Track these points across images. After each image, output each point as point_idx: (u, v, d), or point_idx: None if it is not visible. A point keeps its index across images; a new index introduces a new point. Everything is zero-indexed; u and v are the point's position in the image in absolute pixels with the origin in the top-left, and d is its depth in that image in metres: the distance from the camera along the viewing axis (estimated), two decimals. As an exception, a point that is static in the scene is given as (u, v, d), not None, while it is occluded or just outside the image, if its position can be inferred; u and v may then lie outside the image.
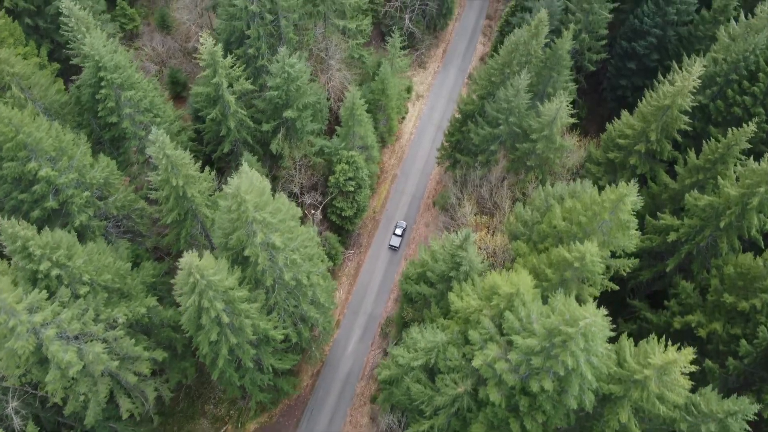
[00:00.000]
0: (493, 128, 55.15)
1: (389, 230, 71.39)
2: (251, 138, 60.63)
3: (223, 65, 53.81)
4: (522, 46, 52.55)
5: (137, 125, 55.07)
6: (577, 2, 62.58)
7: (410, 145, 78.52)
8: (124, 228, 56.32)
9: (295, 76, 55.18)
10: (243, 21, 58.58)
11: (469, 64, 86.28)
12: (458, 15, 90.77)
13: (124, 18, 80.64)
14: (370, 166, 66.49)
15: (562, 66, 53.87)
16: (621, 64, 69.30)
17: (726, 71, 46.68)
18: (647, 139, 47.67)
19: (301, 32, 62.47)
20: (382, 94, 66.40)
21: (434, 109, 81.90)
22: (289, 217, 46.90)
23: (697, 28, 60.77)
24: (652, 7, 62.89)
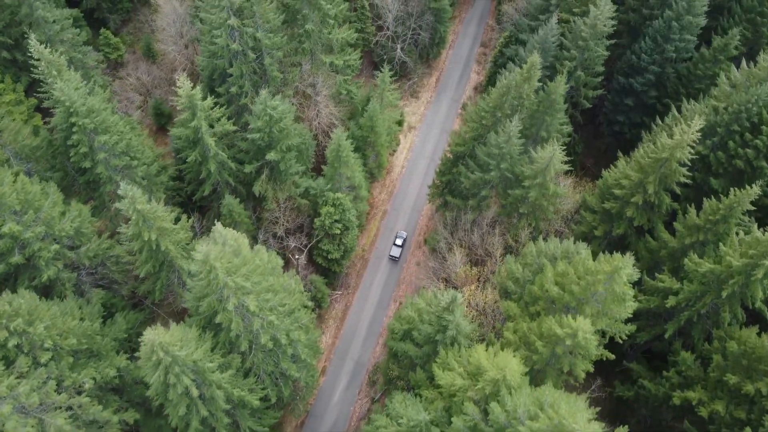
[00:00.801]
0: (484, 173, 52.85)
1: (379, 269, 68.93)
2: (233, 179, 58.29)
3: (202, 108, 51.57)
4: (514, 89, 50.31)
5: (112, 169, 52.70)
6: (572, 39, 60.42)
7: (401, 179, 76.20)
8: (99, 276, 53.85)
9: (278, 118, 52.95)
10: (225, 59, 56.46)
11: (463, 94, 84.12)
12: (452, 43, 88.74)
13: (108, 47, 78.58)
14: (359, 205, 64.14)
15: (555, 110, 51.68)
16: (618, 99, 67.12)
17: (727, 122, 44.45)
18: (644, 191, 45.35)
19: (287, 69, 60.27)
20: (370, 131, 64.15)
21: (426, 141, 79.66)
22: (268, 272, 44.57)
23: (697, 66, 58.60)
24: (650, 43, 60.75)
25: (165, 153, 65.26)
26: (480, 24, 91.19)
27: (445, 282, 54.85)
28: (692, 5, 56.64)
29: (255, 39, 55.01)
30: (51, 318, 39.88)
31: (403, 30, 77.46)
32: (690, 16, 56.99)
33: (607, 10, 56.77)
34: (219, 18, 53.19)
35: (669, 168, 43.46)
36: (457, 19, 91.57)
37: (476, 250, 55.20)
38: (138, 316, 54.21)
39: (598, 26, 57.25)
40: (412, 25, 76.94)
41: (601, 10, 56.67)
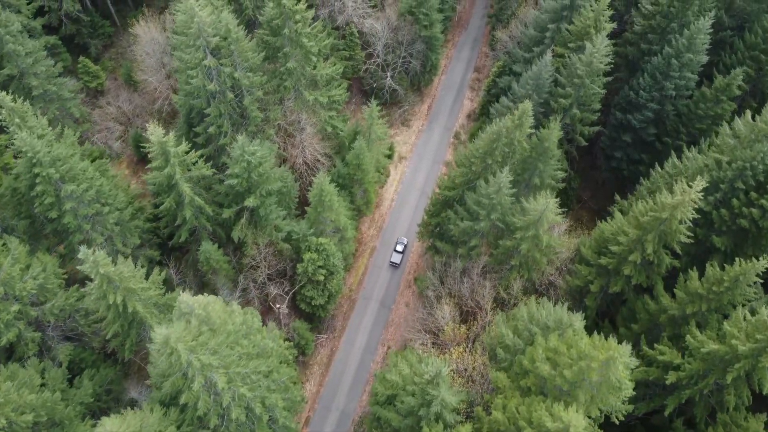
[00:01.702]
0: (473, 222, 50.10)
1: (367, 311, 66.11)
2: (211, 224, 55.52)
3: (175, 154, 48.83)
4: (505, 135, 47.57)
5: (82, 218, 49.89)
6: (567, 75, 57.74)
7: (391, 213, 73.42)
8: (67, 329, 51.04)
9: (257, 164, 50.20)
10: (202, 99, 53.74)
11: (456, 122, 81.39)
12: (444, 68, 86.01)
13: (87, 76, 75.82)
14: (345, 246, 61.39)
15: (548, 156, 48.95)
16: (615, 134, 64.48)
17: (731, 178, 41.80)
18: (643, 249, 42.63)
19: (269, 107, 57.49)
20: (357, 169, 61.35)
21: (417, 172, 76.91)
22: (243, 336, 41.83)
23: (697, 105, 55.96)
24: (648, 80, 58.07)
25: (142, 193, 62.46)
26: (474, 48, 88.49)
27: (434, 336, 52.06)
28: (693, 43, 53.99)
29: (233, 78, 52.26)
30: (4, 394, 37.02)
31: (393, 58, 74.72)
32: (690, 54, 54.33)
33: (603, 47, 54.07)
34: (194, 58, 50.45)
35: (669, 227, 40.75)
36: (450, 42, 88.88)
37: (466, 300, 52.44)
38: (108, 372, 51.42)
39: (594, 63, 54.55)
40: (402, 53, 74.22)
41: (597, 47, 53.97)
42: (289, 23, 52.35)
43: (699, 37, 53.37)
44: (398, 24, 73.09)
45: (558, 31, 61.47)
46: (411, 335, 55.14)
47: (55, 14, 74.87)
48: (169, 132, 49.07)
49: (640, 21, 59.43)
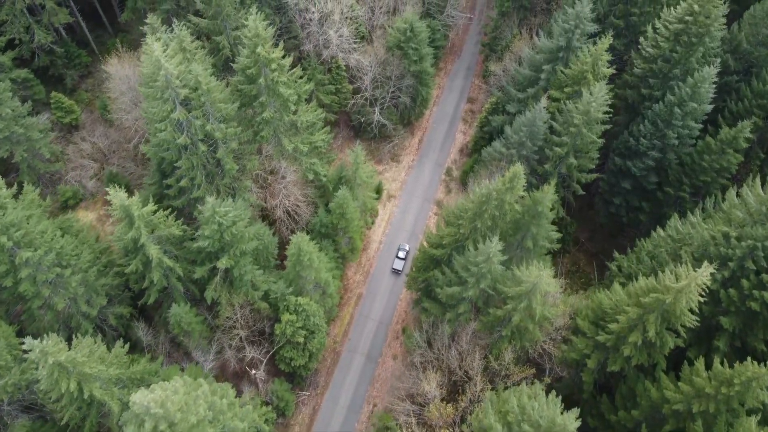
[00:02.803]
0: (461, 288, 46.64)
1: (352, 365, 62.62)
2: (183, 284, 52.03)
3: (141, 216, 45.30)
4: (495, 198, 44.09)
5: (41, 284, 46.39)
6: (563, 122, 54.27)
7: (379, 257, 69.94)
8: (26, 401, 47.57)
9: (230, 224, 46.75)
10: (172, 151, 50.26)
11: (448, 157, 77.92)
12: (437, 99, 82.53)
13: (61, 111, 72.25)
14: (327, 301, 57.99)
15: (542, 218, 45.46)
16: (614, 180, 61.06)
17: (740, 256, 38.38)
18: (644, 329, 39.21)
19: (245, 157, 53.99)
20: (341, 218, 57.86)
21: (407, 212, 73.45)
22: (208, 422, 38.38)
23: (702, 156, 52.53)
24: (649, 127, 54.64)
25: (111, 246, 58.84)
26: (467, 77, 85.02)
27: (420, 407, 48.60)
28: (697, 92, 50.58)
29: (203, 130, 48.75)
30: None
31: (382, 93, 71.21)
32: (694, 103, 50.90)
33: (601, 95, 50.63)
34: (162, 111, 46.93)
35: (673, 310, 37.32)
36: (442, 71, 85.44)
37: (454, 370, 48.99)
38: (70, 449, 47.88)
39: (591, 113, 51.09)
40: (390, 88, 70.72)
41: (595, 95, 50.53)
42: (265, 71, 48.87)
43: (704, 86, 49.96)
44: (386, 58, 69.61)
45: (553, 73, 58.05)
46: (396, 404, 51.64)
47: (26, 46, 71.39)
48: (135, 191, 45.56)
49: (641, 64, 55.98)
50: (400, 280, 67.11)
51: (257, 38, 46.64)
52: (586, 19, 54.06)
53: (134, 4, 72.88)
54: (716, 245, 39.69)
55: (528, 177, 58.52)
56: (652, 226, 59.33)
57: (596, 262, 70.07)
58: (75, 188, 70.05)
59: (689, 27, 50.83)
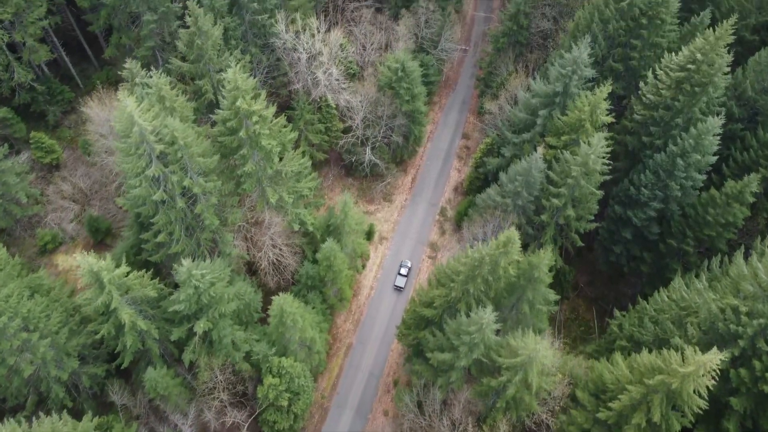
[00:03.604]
0: (453, 354, 43.88)
1: (340, 421, 59.58)
2: (159, 346, 49.23)
3: (111, 279, 42.58)
4: (488, 263, 41.45)
5: (6, 352, 43.62)
6: (560, 172, 51.80)
7: (370, 303, 67.12)
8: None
9: (208, 286, 44.08)
10: (149, 207, 47.67)
11: (442, 196, 75.36)
12: (431, 134, 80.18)
13: (41, 151, 69.76)
14: (313, 358, 55.16)
15: (539, 282, 42.81)
16: (614, 228, 58.48)
17: (751, 335, 35.73)
18: (648, 410, 36.42)
19: (226, 209, 51.42)
20: (328, 270, 55.23)
21: (400, 254, 70.70)
22: None
23: (706, 209, 49.94)
24: (650, 176, 52.17)
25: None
26: (462, 111, 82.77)
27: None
28: (700, 143, 48.15)
29: (180, 185, 46.19)
30: None
31: (373, 132, 68.84)
32: (698, 154, 48.45)
33: (600, 147, 48.22)
34: (136, 167, 44.41)
35: (680, 393, 34.58)
36: (436, 105, 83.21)
37: (446, 439, 46.11)
38: None
39: (590, 164, 48.64)
40: (382, 128, 68.33)
41: (594, 147, 48.10)
42: (247, 123, 46.42)
43: (708, 138, 47.54)
44: (378, 97, 67.33)
45: (550, 118, 55.70)
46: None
47: (6, 84, 69.10)
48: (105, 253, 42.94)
49: (641, 110, 53.63)
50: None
51: (237, 91, 44.23)
52: (583, 64, 51.78)
53: (118, 40, 70.83)
54: (725, 320, 37.01)
55: (524, 227, 56.28)
56: (655, 278, 57.07)
57: (596, 308, 67.35)
58: (54, 232, 67.44)
59: (691, 75, 48.51)
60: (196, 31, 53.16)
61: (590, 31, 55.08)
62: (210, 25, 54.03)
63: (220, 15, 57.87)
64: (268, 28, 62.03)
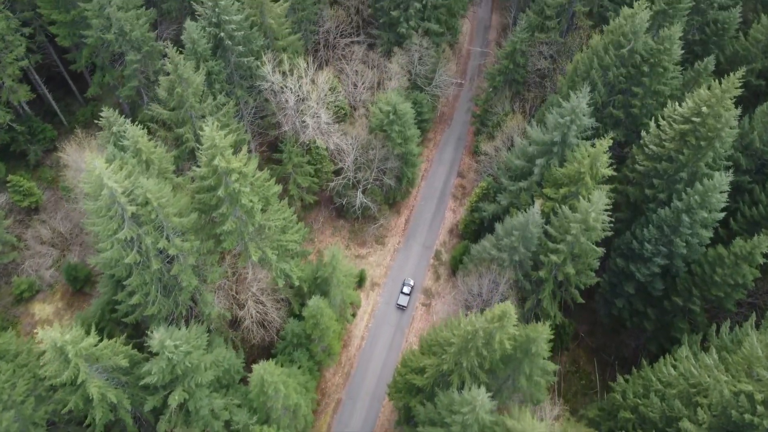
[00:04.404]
0: (444, 430, 40.83)
1: (328, 485, 56.38)
2: (132, 416, 46.15)
3: (79, 352, 39.63)
4: (482, 337, 38.58)
5: (-37, 429, 40.59)
6: (559, 227, 49.09)
7: (360, 355, 64.11)
8: None
9: (183, 355, 41.17)
10: (122, 268, 44.87)
11: (436, 238, 72.63)
12: (425, 173, 77.63)
13: (19, 195, 67.07)
14: (299, 421, 51.98)
15: (536, 356, 39.87)
16: (616, 281, 55.66)
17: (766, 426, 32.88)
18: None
19: (206, 268, 48.59)
20: (314, 328, 52.30)
21: (392, 302, 67.77)
22: None
23: (714, 269, 47.16)
24: (654, 232, 49.44)
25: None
26: (457, 148, 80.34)
27: None
28: (707, 200, 45.47)
29: (155, 247, 43.42)
30: None
31: (365, 176, 66.22)
32: (704, 212, 45.75)
33: (600, 204, 45.54)
34: (107, 230, 41.68)
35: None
36: (431, 142, 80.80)
37: None
38: None
39: (590, 222, 45.91)
40: (373, 171, 65.74)
41: (594, 204, 45.42)
42: (226, 180, 43.72)
43: (715, 195, 44.87)
44: (369, 140, 64.86)
45: (547, 167, 53.09)
46: None
47: (-17, 125, 66.76)
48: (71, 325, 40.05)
49: (643, 160, 51.05)
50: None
51: (214, 149, 41.62)
52: (582, 113, 49.27)
53: (101, 79, 68.48)
54: (739, 407, 34.06)
55: (521, 282, 53.50)
56: (659, 334, 54.23)
57: (597, 360, 64.40)
58: (31, 279, 64.64)
59: (696, 128, 45.98)
60: (176, 79, 50.73)
61: (589, 77, 52.68)
62: (191, 71, 51.64)
63: (203, 59, 55.48)
64: (254, 70, 59.65)
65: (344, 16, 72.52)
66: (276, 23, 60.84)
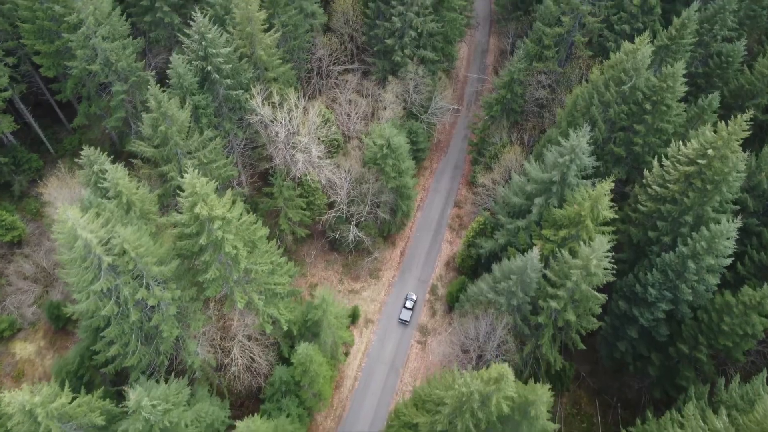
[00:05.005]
0: (439, 497, 38.45)
1: None
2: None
3: (50, 413, 37.29)
4: (478, 399, 36.29)
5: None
6: (559, 272, 46.95)
7: (353, 396, 61.70)
8: None
9: (161, 414, 38.84)
10: (98, 319, 42.68)
11: (433, 272, 70.39)
12: (421, 202, 75.55)
13: (1, 229, 64.85)
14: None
15: (535, 419, 37.55)
16: (618, 323, 53.44)
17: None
18: None
19: (188, 315, 46.37)
20: (304, 375, 49.99)
21: (387, 339, 65.50)
22: None
23: (721, 317, 44.98)
24: (658, 276, 47.27)
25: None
26: (454, 177, 78.33)
27: None
28: (713, 246, 43.34)
29: (133, 298, 41.24)
30: None
31: (358, 209, 64.10)
32: (711, 258, 43.62)
33: (602, 251, 43.42)
34: (83, 281, 39.54)
35: None
36: (427, 170, 78.83)
37: None
38: None
39: (591, 269, 43.75)
40: (367, 205, 63.63)
41: (596, 251, 43.29)
42: (209, 227, 41.62)
43: (722, 242, 42.75)
44: (363, 173, 62.85)
45: (546, 207, 51.01)
46: None
47: (-34, 157, 64.79)
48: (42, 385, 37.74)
49: (646, 201, 48.98)
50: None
51: (195, 196, 39.54)
52: (582, 153, 47.27)
53: (87, 109, 66.61)
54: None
55: (520, 326, 51.36)
56: (664, 379, 51.95)
57: (599, 401, 61.94)
58: (12, 317, 62.35)
59: (702, 171, 43.94)
60: (159, 117, 48.75)
61: (589, 113, 50.75)
62: (176, 108, 49.69)
63: (189, 93, 53.56)
64: (243, 103, 57.76)
65: (338, 44, 70.75)
66: (266, 54, 59.00)
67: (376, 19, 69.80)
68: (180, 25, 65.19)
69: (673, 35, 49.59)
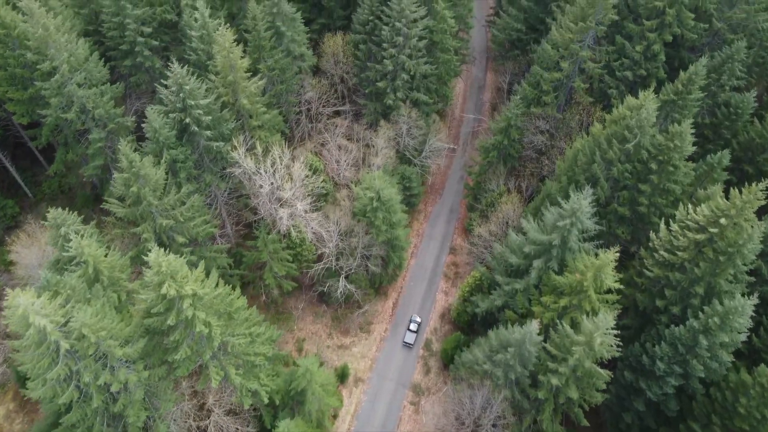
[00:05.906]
0: None
1: None
2: None
3: None
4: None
5: None
6: (560, 346, 43.46)
7: (342, 464, 57.82)
8: None
9: None
10: (58, 405, 39.12)
11: (427, 325, 66.77)
12: (415, 248, 72.17)
13: (-33, 282, 61.55)
14: None
15: None
16: (625, 394, 49.79)
17: None
18: None
19: (159, 394, 42.76)
20: (287, 449, 46.30)
21: (378, 400, 61.70)
22: None
23: (736, 395, 41.46)
24: (667, 349, 43.77)
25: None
26: (450, 222, 75.01)
27: None
28: (727, 322, 39.89)
29: (95, 376, 37.74)
30: None
31: (348, 263, 60.72)
32: (725, 335, 40.15)
33: (606, 326, 39.98)
34: (38, 367, 36.06)
35: None
36: (421, 214, 75.54)
37: None
38: None
39: (594, 345, 40.29)
40: (357, 259, 60.28)
41: (600, 327, 39.86)
42: (179, 306, 38.23)
43: (737, 319, 39.32)
44: (352, 225, 59.62)
45: (545, 270, 47.66)
46: None
47: (-65, 207, 61.61)
48: None
49: (653, 266, 45.63)
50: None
51: (162, 275, 36.20)
52: (584, 215, 44.03)
53: (64, 156, 63.58)
54: None
55: (518, 399, 47.74)
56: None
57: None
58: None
59: (714, 240, 40.64)
60: (131, 177, 45.60)
61: (590, 170, 47.62)
62: (150, 166, 46.54)
63: (166, 146, 50.50)
64: (225, 155, 54.72)
65: (327, 86, 67.92)
66: (250, 102, 56.08)
67: (367, 61, 67.07)
68: (161, 69, 62.54)
69: (680, 90, 46.59)
